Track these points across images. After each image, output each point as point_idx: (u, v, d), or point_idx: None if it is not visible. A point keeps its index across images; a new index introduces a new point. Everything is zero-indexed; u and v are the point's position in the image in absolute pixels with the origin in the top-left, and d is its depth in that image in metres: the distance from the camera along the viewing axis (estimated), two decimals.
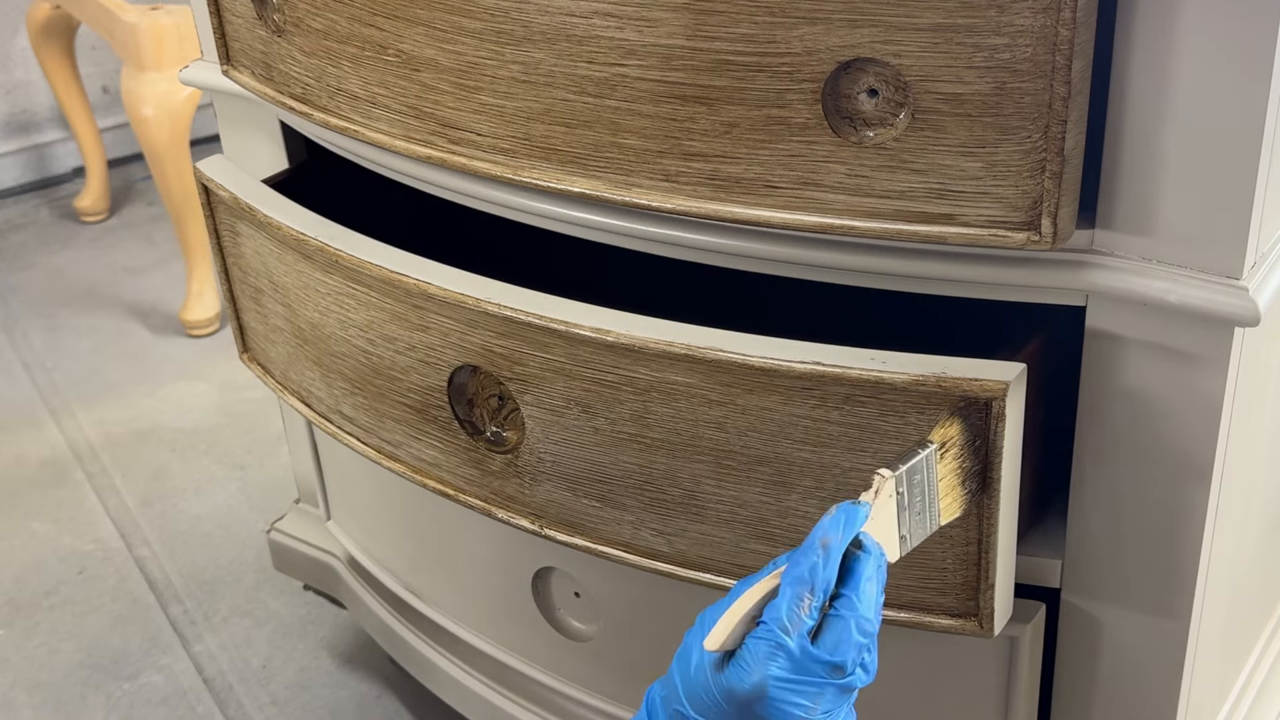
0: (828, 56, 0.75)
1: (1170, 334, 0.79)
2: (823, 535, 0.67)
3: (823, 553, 0.66)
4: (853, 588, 0.67)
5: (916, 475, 0.73)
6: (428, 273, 0.93)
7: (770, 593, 0.67)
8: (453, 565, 1.21)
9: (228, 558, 1.72)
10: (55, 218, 2.70)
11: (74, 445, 1.97)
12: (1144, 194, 0.76)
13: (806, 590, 0.65)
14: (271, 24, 1.01)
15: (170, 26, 2.04)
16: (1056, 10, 0.69)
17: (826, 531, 0.67)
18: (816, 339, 0.82)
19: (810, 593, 0.65)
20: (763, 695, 0.64)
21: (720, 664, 0.66)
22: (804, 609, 0.65)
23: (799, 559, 0.67)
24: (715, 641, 0.66)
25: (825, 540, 0.67)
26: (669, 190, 0.84)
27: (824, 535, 0.67)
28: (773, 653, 0.65)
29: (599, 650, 1.13)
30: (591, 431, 0.89)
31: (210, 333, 2.24)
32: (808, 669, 0.65)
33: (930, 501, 0.74)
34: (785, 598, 0.65)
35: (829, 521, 0.68)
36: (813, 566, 0.66)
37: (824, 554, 0.66)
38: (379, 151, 1.01)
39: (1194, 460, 0.82)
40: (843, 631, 0.66)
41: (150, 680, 1.53)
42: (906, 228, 0.78)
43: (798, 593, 0.65)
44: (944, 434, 0.76)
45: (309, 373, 1.08)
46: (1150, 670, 0.90)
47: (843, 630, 0.66)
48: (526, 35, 0.84)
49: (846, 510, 0.69)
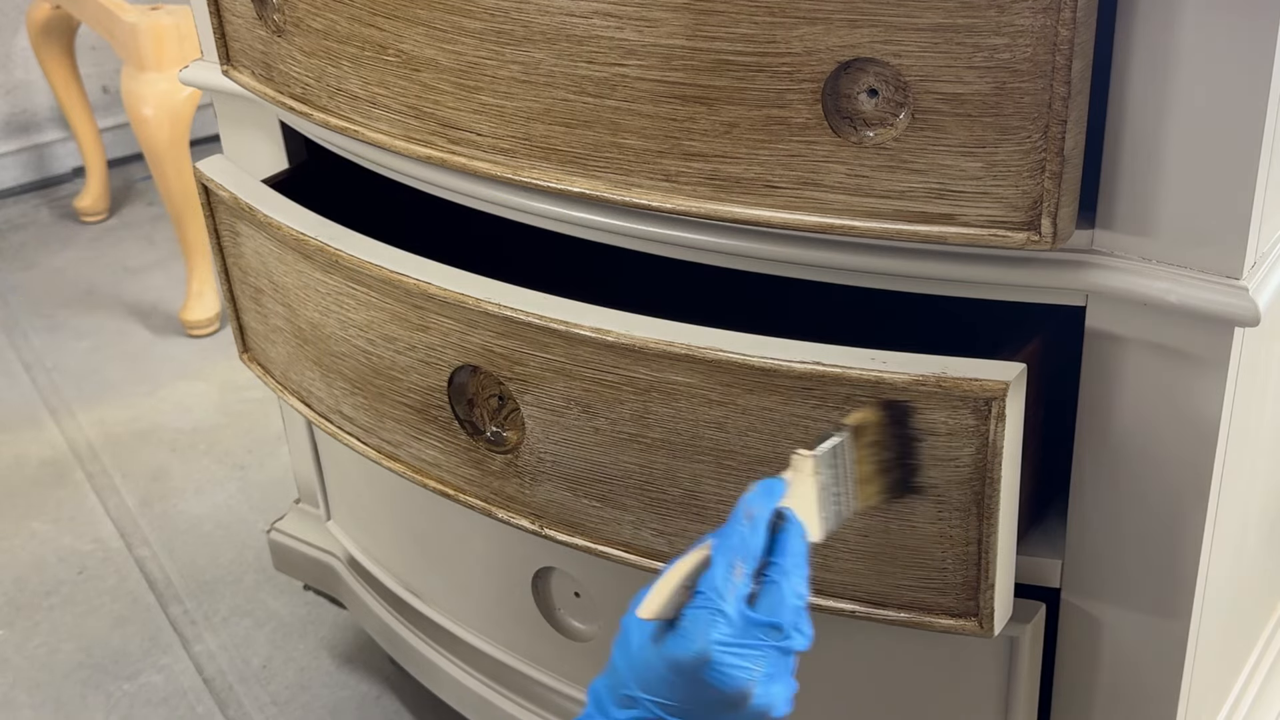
0: (828, 56, 0.75)
1: (1170, 334, 0.79)
2: (746, 508, 0.70)
3: (749, 523, 0.69)
4: (781, 555, 0.70)
5: (836, 459, 0.75)
6: (428, 273, 0.93)
7: (701, 564, 0.69)
8: (453, 565, 1.21)
9: (228, 558, 1.72)
10: (55, 218, 2.70)
11: (74, 445, 1.97)
12: (1144, 194, 0.76)
13: (738, 558, 0.68)
14: (271, 24, 1.01)
15: (170, 26, 2.04)
16: (1056, 10, 0.69)
17: (749, 504, 0.70)
18: (816, 339, 0.82)
19: (741, 560, 0.68)
20: (706, 660, 0.66)
21: (659, 637, 0.68)
22: (737, 575, 0.68)
23: (727, 531, 0.69)
24: (650, 610, 0.68)
25: (749, 512, 0.70)
26: (669, 190, 0.84)
27: (747, 507, 0.70)
28: (712, 618, 0.66)
29: (599, 650, 1.13)
30: (592, 431, 0.89)
31: (210, 333, 2.24)
32: (748, 632, 0.67)
33: (849, 485, 0.77)
34: (718, 566, 0.68)
35: (751, 495, 0.71)
36: (741, 536, 0.69)
37: (750, 524, 0.69)
38: (379, 151, 1.01)
39: (1194, 460, 0.82)
40: (777, 595, 0.68)
41: (150, 680, 1.53)
42: (906, 228, 0.78)
43: (729, 560, 0.68)
44: (860, 418, 0.77)
45: (309, 373, 1.08)
46: (1150, 670, 0.90)
47: (777, 594, 0.68)
48: (526, 35, 0.84)
49: (766, 484, 0.72)
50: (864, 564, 0.84)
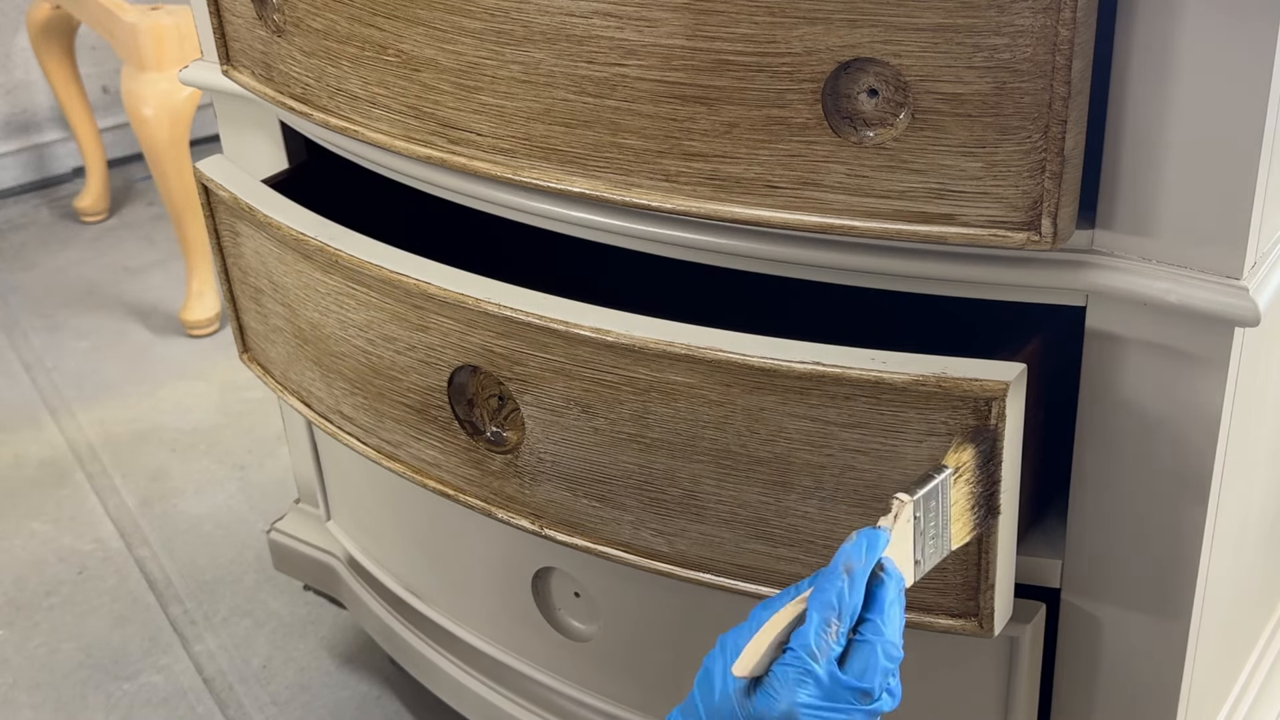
0: (828, 56, 0.75)
1: (1170, 334, 0.79)
2: (845, 560, 0.67)
3: (847, 578, 0.67)
4: (878, 612, 0.67)
5: (932, 500, 0.73)
6: (428, 273, 0.93)
7: (796, 618, 0.67)
8: (453, 565, 1.21)
9: (228, 558, 1.72)
10: (55, 218, 2.70)
11: (74, 445, 1.97)
12: (1144, 194, 0.76)
13: (834, 616, 0.66)
14: (271, 24, 1.01)
15: (170, 26, 2.04)
16: (1056, 10, 0.69)
17: (850, 557, 0.68)
18: (816, 339, 0.82)
19: (837, 618, 0.66)
20: None
21: (748, 690, 0.66)
22: (831, 635, 0.65)
23: (824, 584, 0.67)
24: (744, 668, 0.66)
25: (849, 566, 0.67)
26: (669, 190, 0.84)
27: (847, 560, 0.67)
28: (801, 679, 0.65)
29: (599, 650, 1.13)
30: (591, 431, 0.89)
31: (210, 333, 2.24)
32: (837, 695, 0.65)
33: (944, 526, 0.75)
34: (812, 624, 0.66)
35: (851, 547, 0.68)
36: (839, 592, 0.66)
37: (849, 579, 0.67)
38: (379, 151, 1.01)
39: (1194, 460, 0.82)
40: (870, 657, 0.66)
41: (150, 680, 1.53)
42: (906, 228, 0.78)
43: (825, 618, 0.66)
44: (958, 459, 0.75)
45: (309, 373, 1.08)
46: (1150, 670, 0.90)
47: (870, 656, 0.66)
48: (526, 35, 0.84)
49: (869, 535, 0.69)
50: None
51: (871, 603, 0.68)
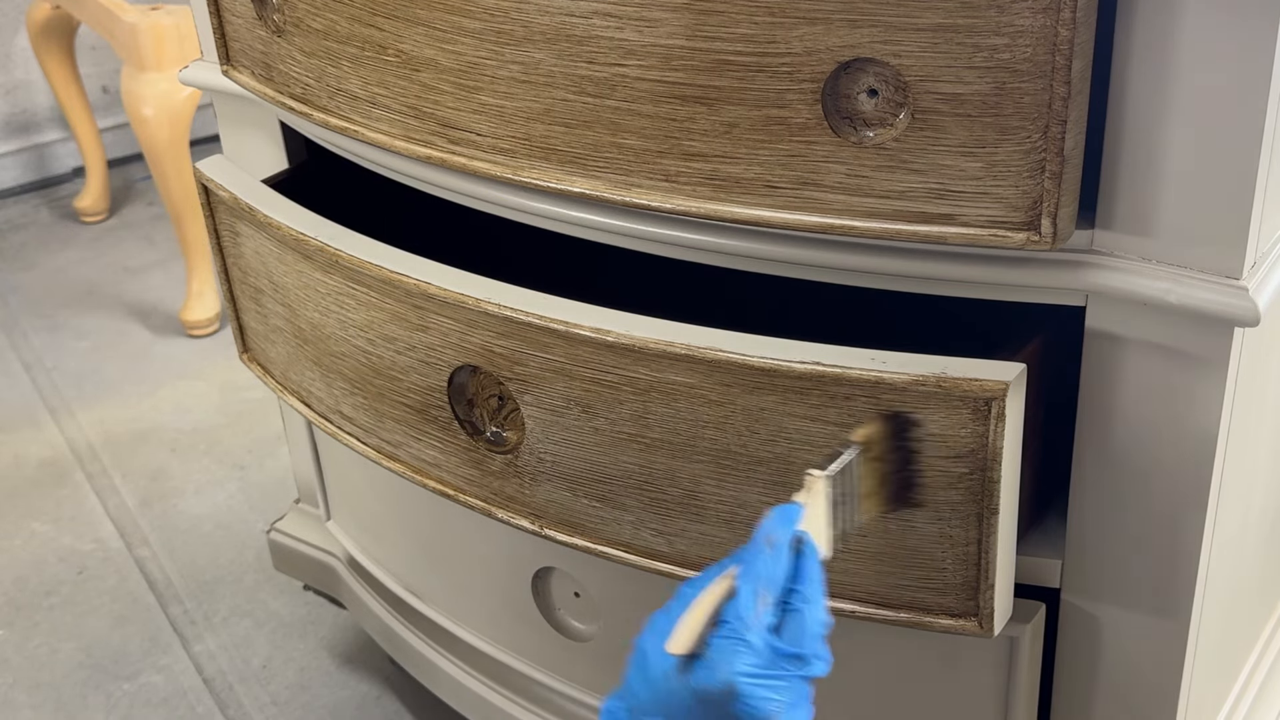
0: (828, 56, 0.75)
1: (1170, 334, 0.79)
2: (766, 534, 0.70)
3: (771, 550, 0.69)
4: (803, 582, 0.69)
5: (845, 476, 0.75)
6: (428, 273, 0.93)
7: (726, 593, 0.68)
8: (453, 565, 1.21)
9: (228, 558, 1.72)
10: (55, 218, 2.70)
11: (74, 445, 1.97)
12: (1144, 194, 0.76)
13: (763, 587, 0.68)
14: (271, 24, 1.01)
15: (170, 26, 2.04)
16: (1056, 10, 0.69)
17: (769, 530, 0.70)
18: (816, 339, 0.82)
19: (767, 589, 0.68)
20: (733, 692, 0.66)
21: (685, 666, 0.68)
22: (761, 605, 0.67)
23: (750, 559, 0.69)
24: (681, 644, 0.67)
25: (770, 538, 0.69)
26: (669, 190, 0.84)
27: (768, 534, 0.70)
28: (739, 649, 0.66)
29: (599, 650, 1.13)
30: (591, 431, 0.89)
31: (210, 333, 2.24)
32: (774, 662, 0.67)
33: (854, 501, 0.77)
34: (744, 596, 0.68)
35: (770, 522, 0.70)
36: (766, 565, 0.68)
37: (773, 551, 0.69)
38: (379, 151, 1.01)
39: (1194, 460, 0.82)
40: (801, 624, 0.68)
41: (150, 680, 1.53)
42: (906, 228, 0.78)
43: (755, 590, 0.68)
44: (867, 434, 0.77)
45: (309, 373, 1.08)
46: (1150, 670, 0.90)
47: (801, 623, 0.68)
48: (526, 35, 0.84)
49: (784, 510, 0.71)
50: (864, 564, 0.84)
51: (797, 574, 0.70)
